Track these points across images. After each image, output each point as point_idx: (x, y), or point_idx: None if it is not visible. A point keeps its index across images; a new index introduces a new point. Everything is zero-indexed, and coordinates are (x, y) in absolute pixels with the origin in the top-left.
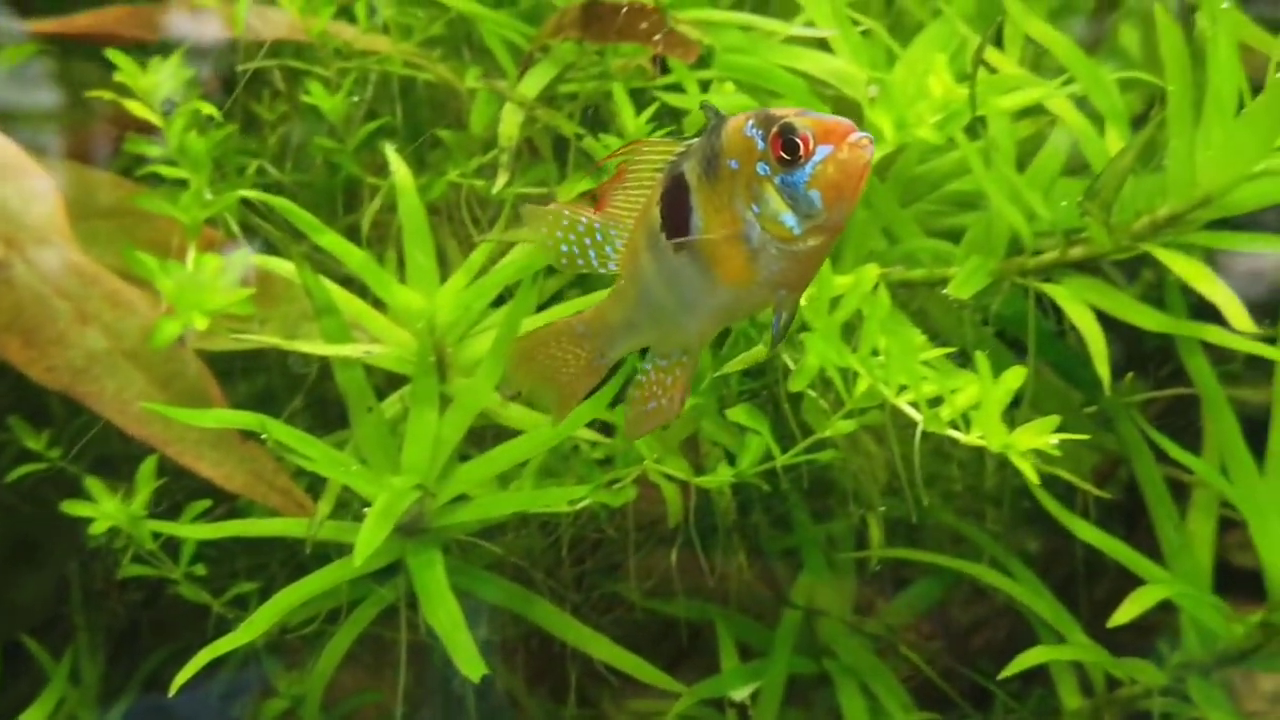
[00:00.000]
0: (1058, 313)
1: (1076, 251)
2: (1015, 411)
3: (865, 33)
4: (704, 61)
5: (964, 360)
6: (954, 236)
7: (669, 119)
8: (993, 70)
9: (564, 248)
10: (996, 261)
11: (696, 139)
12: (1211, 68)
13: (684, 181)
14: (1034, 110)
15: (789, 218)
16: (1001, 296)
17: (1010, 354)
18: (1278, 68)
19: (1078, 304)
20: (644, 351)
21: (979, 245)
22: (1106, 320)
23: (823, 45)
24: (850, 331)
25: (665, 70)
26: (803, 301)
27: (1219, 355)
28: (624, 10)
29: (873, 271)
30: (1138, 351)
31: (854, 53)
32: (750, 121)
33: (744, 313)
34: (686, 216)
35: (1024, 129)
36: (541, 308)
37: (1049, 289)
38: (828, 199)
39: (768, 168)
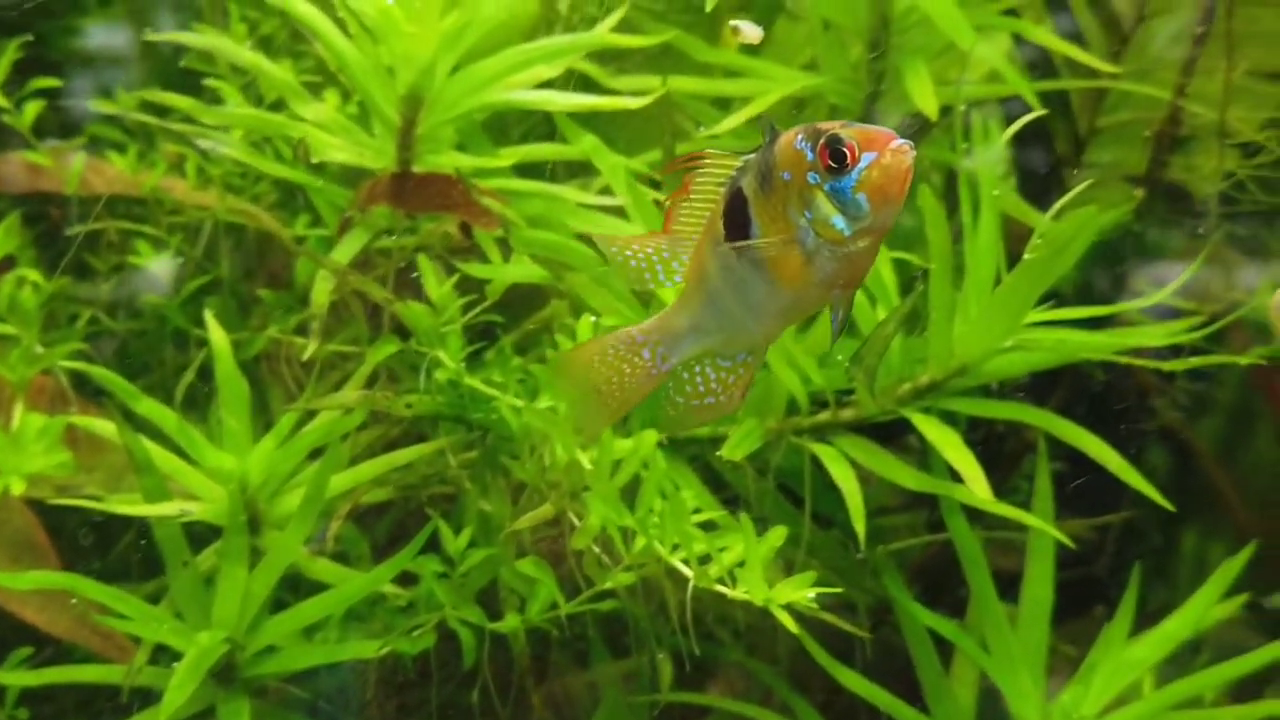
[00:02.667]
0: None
1: (847, 414)
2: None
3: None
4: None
5: (746, 508)
6: None
7: (474, 287)
8: None
9: (633, 263)
10: (776, 420)
11: (753, 153)
12: (969, 249)
13: (742, 194)
14: None
15: (839, 221)
16: (781, 451)
17: (788, 505)
18: (1031, 249)
19: (840, 464)
20: None
21: (760, 405)
22: None
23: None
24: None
25: (469, 236)
26: (586, 464)
27: None
28: (430, 182)
29: (651, 437)
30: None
31: (646, 220)
32: (800, 136)
33: (805, 311)
34: (747, 226)
35: None
36: None
37: (816, 448)
38: (874, 201)
39: (817, 176)
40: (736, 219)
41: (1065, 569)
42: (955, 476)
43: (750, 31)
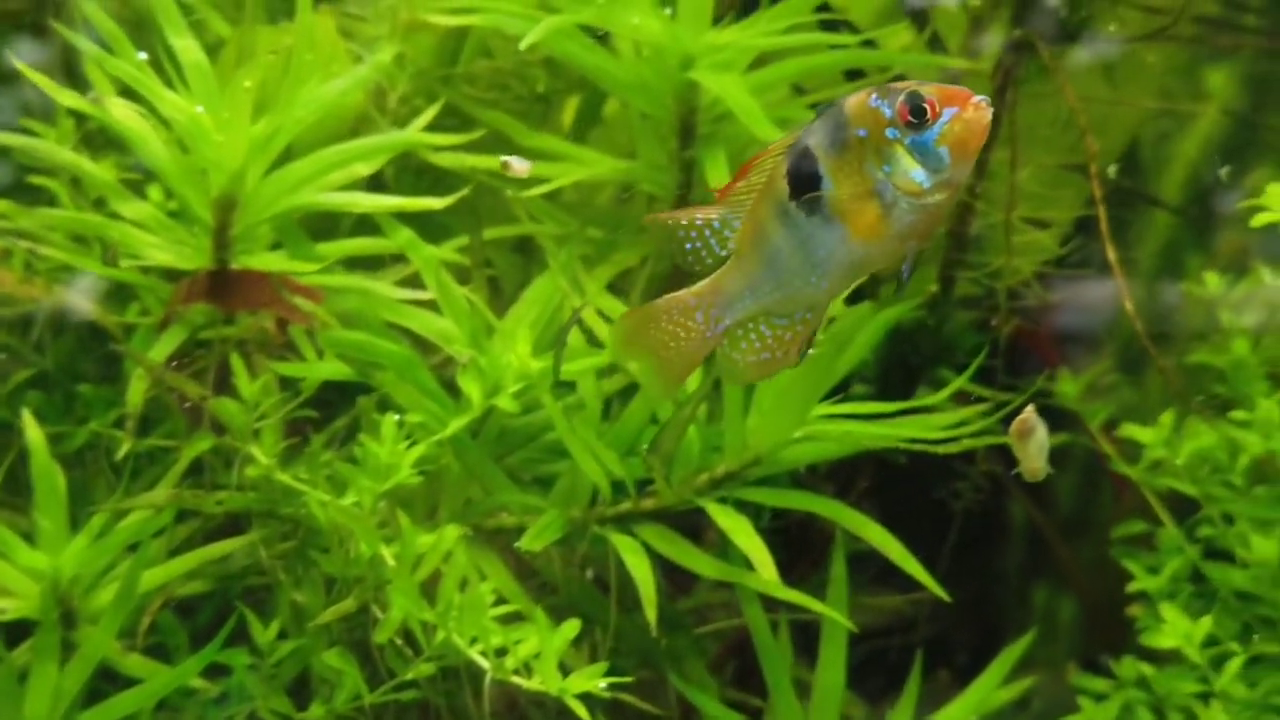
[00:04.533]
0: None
1: (648, 503)
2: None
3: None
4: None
5: (551, 594)
6: (552, 483)
7: (287, 386)
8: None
9: (688, 245)
10: (581, 510)
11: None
12: None
13: (810, 153)
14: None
15: (919, 174)
16: (588, 539)
17: (596, 590)
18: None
19: (635, 554)
20: None
21: (565, 495)
22: None
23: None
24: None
25: (284, 332)
26: (390, 560)
27: None
28: (244, 280)
29: (453, 532)
30: None
31: (457, 316)
32: (874, 95)
33: (874, 265)
34: (817, 184)
35: (613, 384)
36: None
37: (615, 538)
38: (955, 154)
39: (897, 132)
40: (806, 178)
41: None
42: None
43: (519, 167)
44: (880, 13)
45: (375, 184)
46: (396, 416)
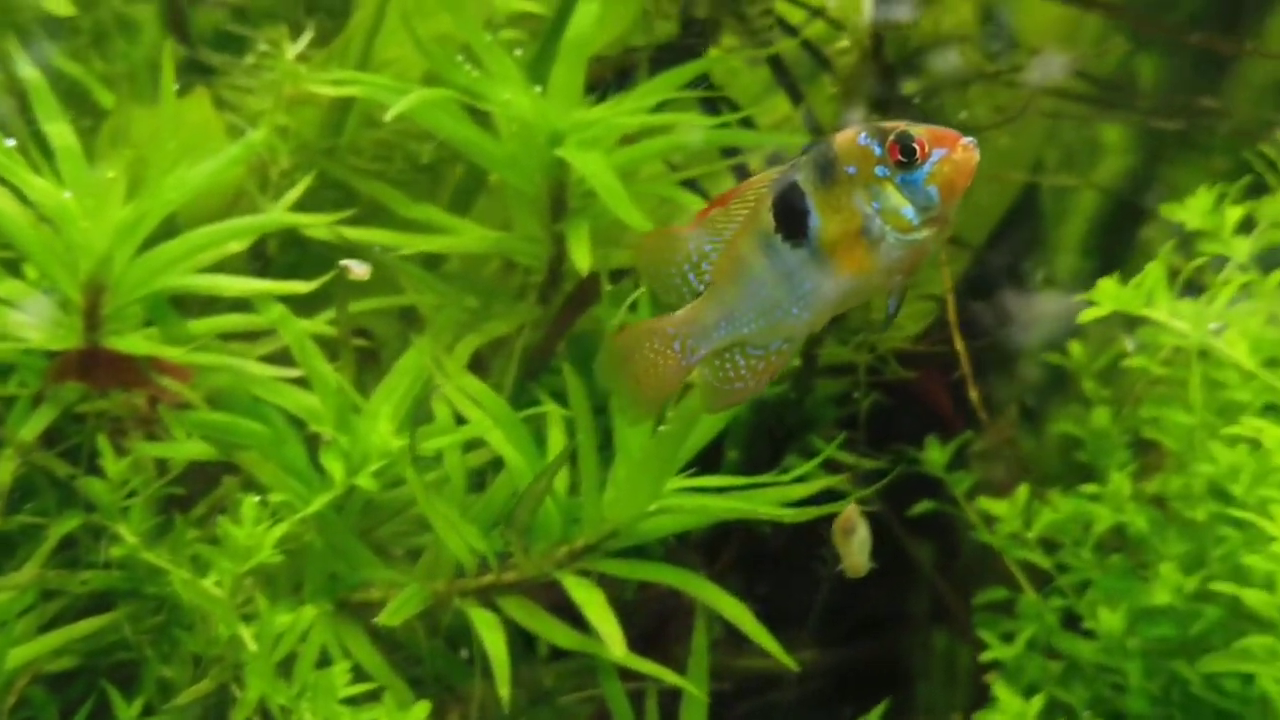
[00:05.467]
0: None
1: (509, 575)
2: None
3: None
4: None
5: (417, 666)
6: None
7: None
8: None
9: (665, 269)
10: (444, 583)
11: (800, 156)
12: (618, 416)
13: (798, 188)
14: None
15: (909, 211)
16: (450, 612)
17: (461, 662)
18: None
19: (490, 629)
20: None
21: (429, 568)
22: None
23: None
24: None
25: (154, 409)
26: (251, 644)
27: None
28: (113, 359)
29: (309, 613)
30: None
31: (323, 394)
32: (863, 133)
33: (859, 299)
34: (804, 218)
35: (477, 458)
36: None
37: (473, 612)
38: (943, 193)
39: (886, 170)
40: (793, 212)
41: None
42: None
43: (358, 270)
44: (758, 87)
45: (257, 255)
46: (258, 497)
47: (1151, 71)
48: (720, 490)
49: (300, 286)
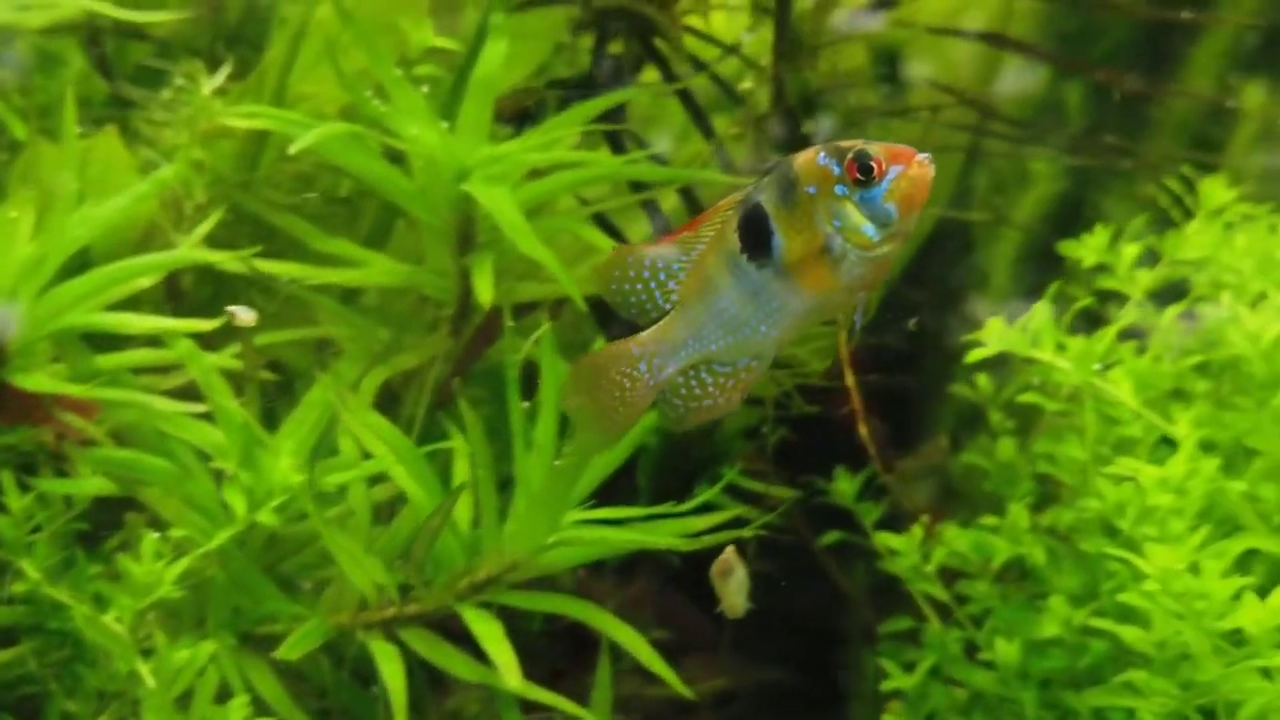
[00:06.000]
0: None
1: (412, 608)
2: None
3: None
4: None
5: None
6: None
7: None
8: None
9: (630, 286)
10: (348, 615)
11: (763, 177)
12: (517, 452)
13: (761, 209)
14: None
15: (869, 228)
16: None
17: (366, 694)
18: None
19: (390, 662)
20: None
21: (333, 601)
22: None
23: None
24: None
25: (60, 445)
26: (148, 679)
27: None
28: (17, 396)
29: (208, 648)
30: None
31: (228, 429)
32: (822, 154)
33: (824, 315)
34: (768, 238)
35: (382, 492)
36: None
37: (374, 644)
38: (902, 209)
39: (846, 189)
40: (757, 232)
41: None
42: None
43: (245, 316)
44: (686, 122)
45: (172, 290)
46: (159, 534)
47: (1078, 99)
48: (620, 522)
49: (203, 325)
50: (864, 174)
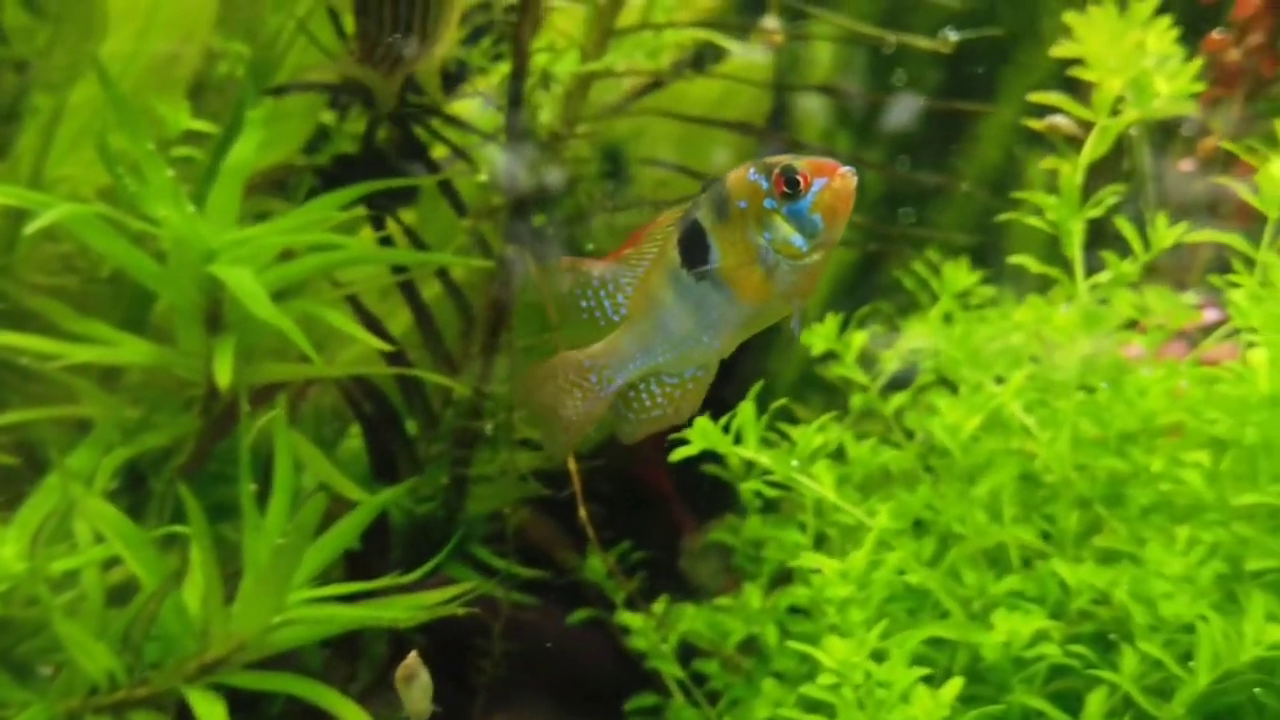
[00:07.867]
0: None
1: (140, 692)
2: None
3: None
4: None
5: None
6: None
7: None
8: None
9: (582, 303)
10: (79, 700)
11: (700, 194)
12: (247, 530)
13: (699, 225)
14: None
15: (797, 239)
16: None
17: None
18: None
19: None
20: None
21: (65, 686)
22: None
23: None
24: None
25: None
26: None
27: None
28: None
29: None
30: None
31: None
32: (751, 170)
33: (762, 322)
34: (705, 252)
35: (118, 575)
36: None
37: None
38: (827, 219)
39: (774, 202)
40: (695, 247)
41: None
42: None
43: None
44: None
45: None
46: None
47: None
48: (351, 599)
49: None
50: (790, 188)
